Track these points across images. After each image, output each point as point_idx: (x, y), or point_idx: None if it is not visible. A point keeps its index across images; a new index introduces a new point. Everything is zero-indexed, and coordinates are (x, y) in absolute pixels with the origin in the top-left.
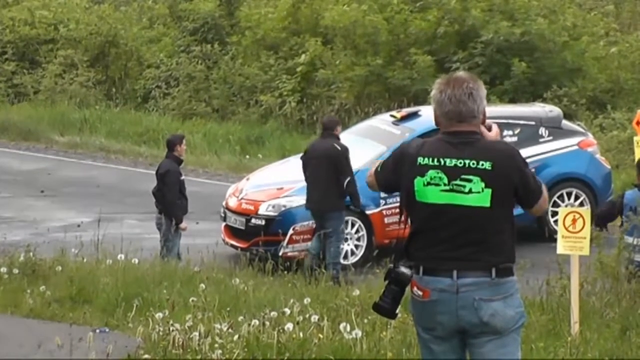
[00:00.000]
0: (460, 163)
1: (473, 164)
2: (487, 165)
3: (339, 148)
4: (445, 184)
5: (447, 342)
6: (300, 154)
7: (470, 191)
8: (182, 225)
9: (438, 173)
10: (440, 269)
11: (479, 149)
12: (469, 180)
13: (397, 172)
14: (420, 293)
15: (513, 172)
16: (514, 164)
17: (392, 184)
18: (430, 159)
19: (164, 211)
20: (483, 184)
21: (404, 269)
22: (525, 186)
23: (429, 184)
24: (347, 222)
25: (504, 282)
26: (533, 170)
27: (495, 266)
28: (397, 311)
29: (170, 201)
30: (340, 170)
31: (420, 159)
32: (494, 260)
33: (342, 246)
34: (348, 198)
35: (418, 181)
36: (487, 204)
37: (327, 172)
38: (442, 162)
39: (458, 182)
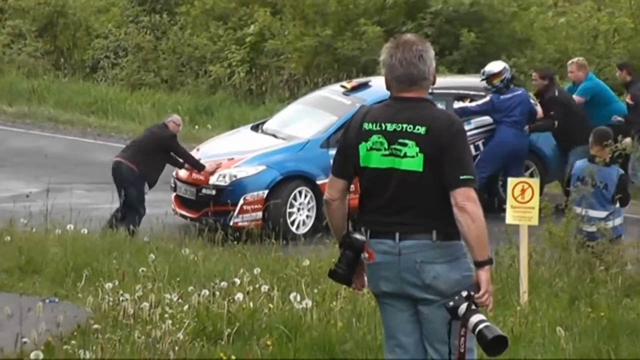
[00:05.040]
0: (399, 127)
1: (410, 128)
2: (422, 130)
3: None
4: (385, 149)
5: (398, 307)
6: (250, 125)
7: (405, 155)
8: None
9: (379, 138)
10: (383, 232)
11: (418, 114)
12: (405, 144)
13: (346, 145)
14: (367, 255)
15: (445, 139)
16: (449, 132)
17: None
18: (374, 124)
19: None
20: (417, 149)
21: (357, 235)
22: (451, 158)
23: (371, 148)
24: (299, 192)
25: (447, 245)
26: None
27: (435, 229)
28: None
29: None
30: None
31: (365, 125)
32: (433, 224)
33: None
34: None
35: (362, 147)
36: (420, 169)
37: None
38: (384, 127)
39: (396, 146)
